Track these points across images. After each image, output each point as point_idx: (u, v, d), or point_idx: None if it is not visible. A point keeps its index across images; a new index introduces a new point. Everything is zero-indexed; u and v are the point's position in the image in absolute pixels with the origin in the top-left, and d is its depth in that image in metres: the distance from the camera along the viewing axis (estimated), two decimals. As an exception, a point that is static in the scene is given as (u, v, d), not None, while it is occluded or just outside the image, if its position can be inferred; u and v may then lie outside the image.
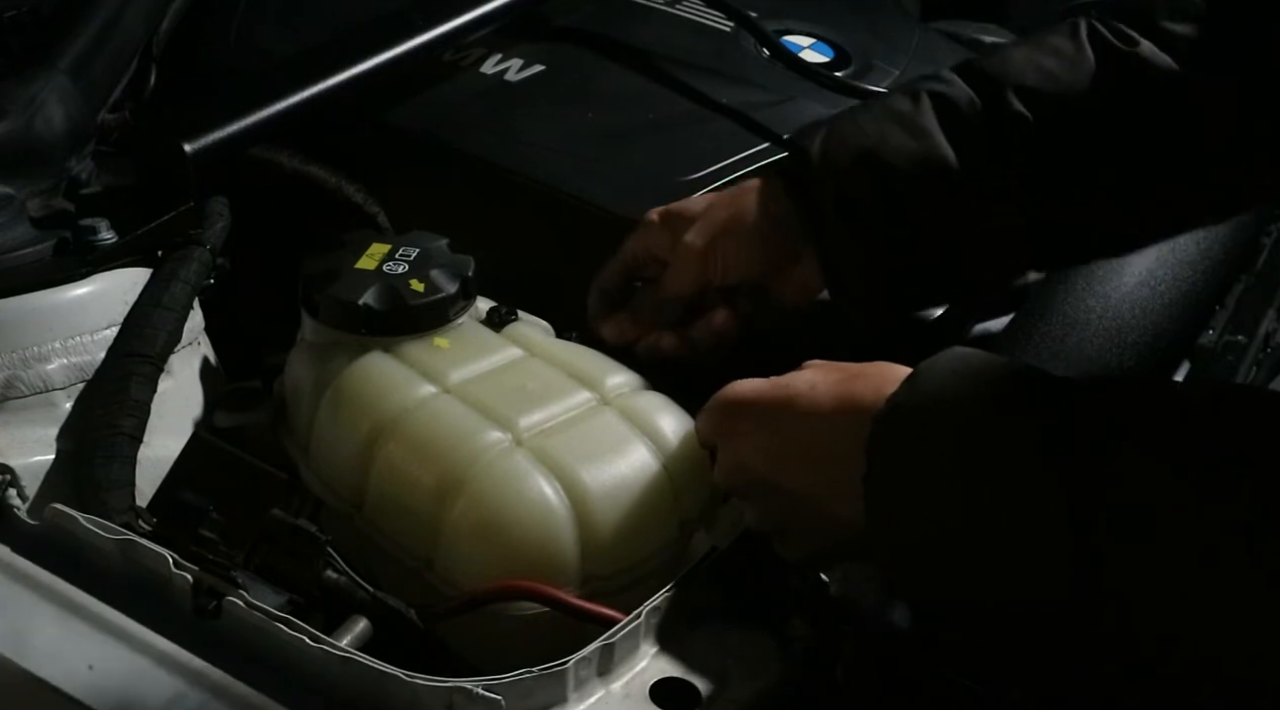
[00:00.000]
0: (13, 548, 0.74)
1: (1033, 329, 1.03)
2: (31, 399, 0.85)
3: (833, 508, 0.71)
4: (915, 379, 0.69)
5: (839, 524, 0.70)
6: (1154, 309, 1.04)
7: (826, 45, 1.20)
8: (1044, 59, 0.88)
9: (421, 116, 1.08)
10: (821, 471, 0.72)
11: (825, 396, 0.73)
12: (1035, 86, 0.87)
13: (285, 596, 0.72)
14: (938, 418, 0.67)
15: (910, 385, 0.69)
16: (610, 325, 0.95)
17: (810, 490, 0.72)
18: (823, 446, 0.72)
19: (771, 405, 0.75)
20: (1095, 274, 1.04)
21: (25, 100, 0.94)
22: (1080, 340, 1.02)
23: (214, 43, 1.16)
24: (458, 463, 0.78)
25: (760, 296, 0.93)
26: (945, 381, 0.69)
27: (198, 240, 0.93)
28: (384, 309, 0.86)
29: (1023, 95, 0.87)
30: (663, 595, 0.72)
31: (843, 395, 0.72)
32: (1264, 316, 1.08)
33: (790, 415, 0.74)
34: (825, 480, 0.71)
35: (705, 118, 1.10)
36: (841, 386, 0.73)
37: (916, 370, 0.70)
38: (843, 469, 0.69)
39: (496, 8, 1.13)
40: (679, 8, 1.22)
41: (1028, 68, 0.88)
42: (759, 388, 0.76)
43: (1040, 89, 0.87)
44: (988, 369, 0.70)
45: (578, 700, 0.68)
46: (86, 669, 0.68)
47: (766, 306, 0.94)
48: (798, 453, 0.73)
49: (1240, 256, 1.15)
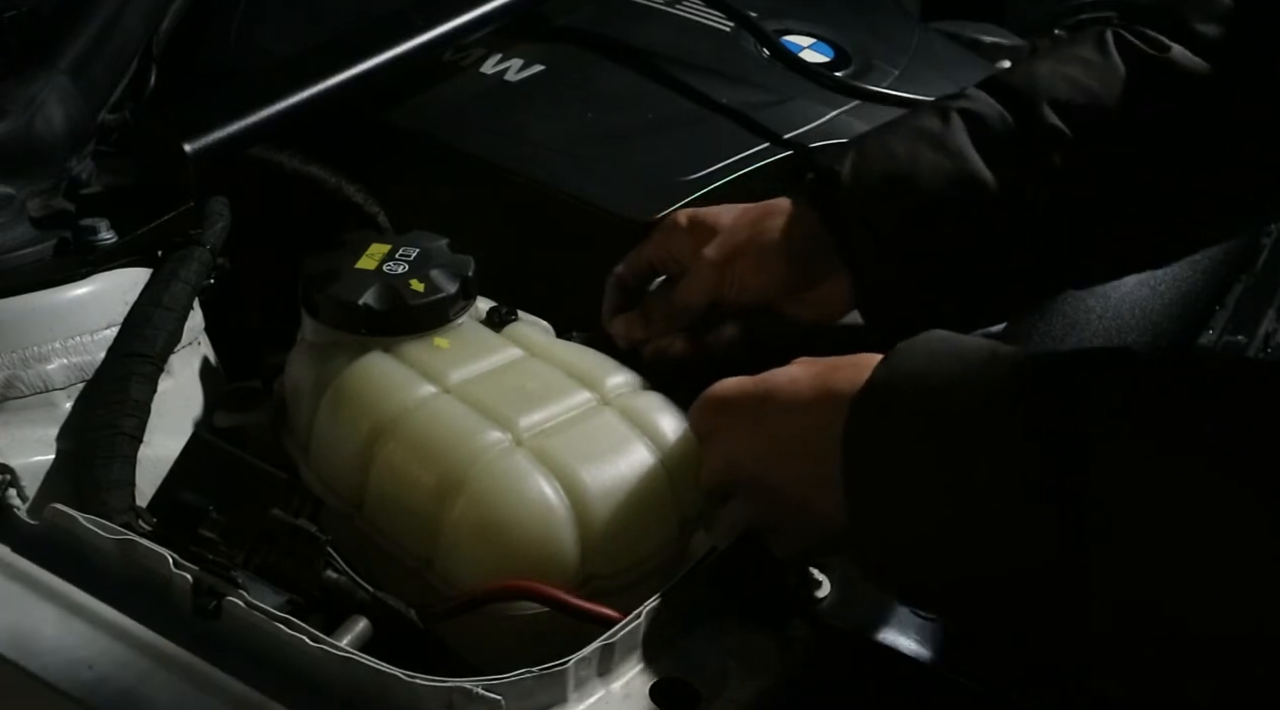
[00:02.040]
0: (13, 548, 0.74)
1: (1033, 329, 1.03)
2: (31, 399, 0.85)
3: (817, 501, 0.70)
4: (892, 359, 0.69)
5: (824, 517, 0.70)
6: (1154, 309, 1.04)
7: (826, 45, 1.20)
8: (1072, 70, 0.87)
9: (421, 116, 1.08)
10: (803, 463, 0.71)
11: (805, 388, 0.73)
12: (1068, 99, 0.86)
13: (285, 596, 0.72)
14: (916, 395, 0.67)
15: (887, 364, 0.69)
16: (621, 323, 0.94)
17: (794, 484, 0.72)
18: (804, 438, 0.71)
19: (753, 400, 0.75)
20: (1095, 274, 1.05)
21: (25, 100, 0.94)
22: (1080, 340, 1.02)
23: (214, 43, 1.16)
24: (458, 463, 0.78)
25: (774, 317, 0.93)
26: (923, 361, 0.68)
27: (198, 240, 0.93)
28: (384, 309, 0.86)
29: (1057, 109, 0.86)
30: (663, 595, 0.72)
31: (822, 385, 0.72)
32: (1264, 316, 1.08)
33: (772, 409, 0.74)
34: (808, 473, 0.71)
35: (705, 118, 1.10)
36: (821, 378, 0.72)
37: (894, 350, 0.69)
38: (823, 460, 0.68)
39: (496, 8, 1.13)
40: (679, 8, 1.22)
41: (1058, 80, 0.87)
42: (741, 384, 0.76)
43: (1074, 101, 0.86)
44: (968, 347, 0.69)
45: (578, 700, 0.68)
46: (86, 669, 0.68)
47: (780, 326, 0.93)
48: (780, 446, 0.73)
49: (1240, 256, 1.15)
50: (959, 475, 0.64)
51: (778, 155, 1.05)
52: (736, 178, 1.03)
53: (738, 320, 0.93)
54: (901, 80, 1.16)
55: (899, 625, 0.75)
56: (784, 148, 1.06)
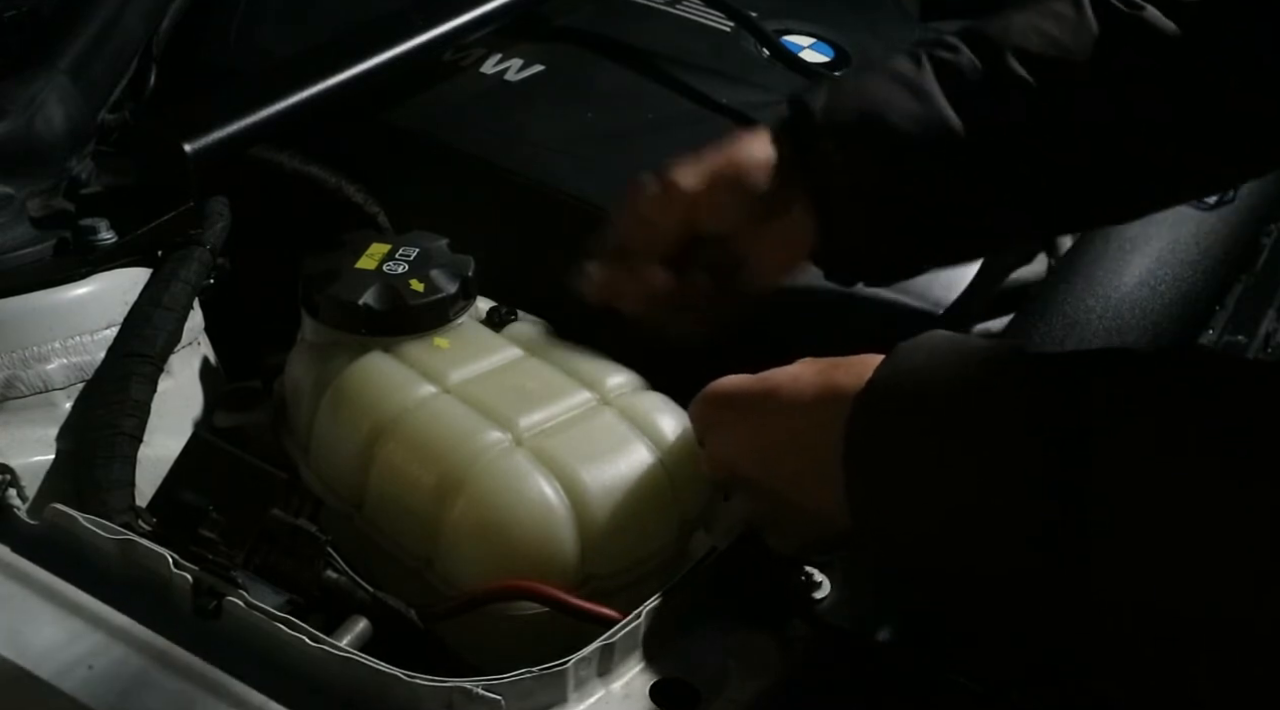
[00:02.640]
0: (13, 548, 0.74)
1: (1033, 329, 1.03)
2: (31, 399, 0.85)
3: (818, 498, 0.70)
4: (894, 357, 0.69)
5: (825, 515, 0.70)
6: (1154, 309, 1.04)
7: (826, 45, 1.20)
8: (1045, 23, 0.88)
9: (421, 116, 1.08)
10: (803, 461, 0.71)
11: (808, 386, 0.73)
12: (1038, 52, 0.87)
13: (285, 596, 0.72)
14: (917, 391, 0.67)
15: (889, 362, 0.69)
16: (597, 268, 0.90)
17: (794, 481, 0.72)
18: (804, 436, 0.71)
19: (755, 397, 0.75)
20: (1095, 274, 1.04)
21: (25, 100, 0.94)
22: (1080, 340, 1.02)
23: (214, 43, 1.16)
24: (458, 463, 0.78)
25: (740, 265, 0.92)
26: (925, 359, 0.68)
27: (198, 240, 0.93)
28: (384, 309, 0.86)
29: (1023, 59, 0.87)
30: (663, 595, 0.72)
31: (824, 384, 0.72)
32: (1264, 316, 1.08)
33: (773, 406, 0.74)
34: (808, 471, 0.71)
35: (705, 118, 1.10)
36: (823, 376, 0.72)
37: (896, 349, 0.69)
38: (824, 458, 0.68)
39: (496, 8, 1.13)
40: (679, 8, 1.22)
41: (1029, 32, 0.88)
42: (743, 381, 0.76)
43: (1043, 54, 0.87)
44: (969, 346, 0.69)
45: (578, 700, 0.68)
46: (86, 669, 0.68)
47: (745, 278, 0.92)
48: (780, 444, 0.73)
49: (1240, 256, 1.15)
50: (961, 471, 0.64)
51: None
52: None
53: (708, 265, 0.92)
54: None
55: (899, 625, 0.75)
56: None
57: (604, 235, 0.92)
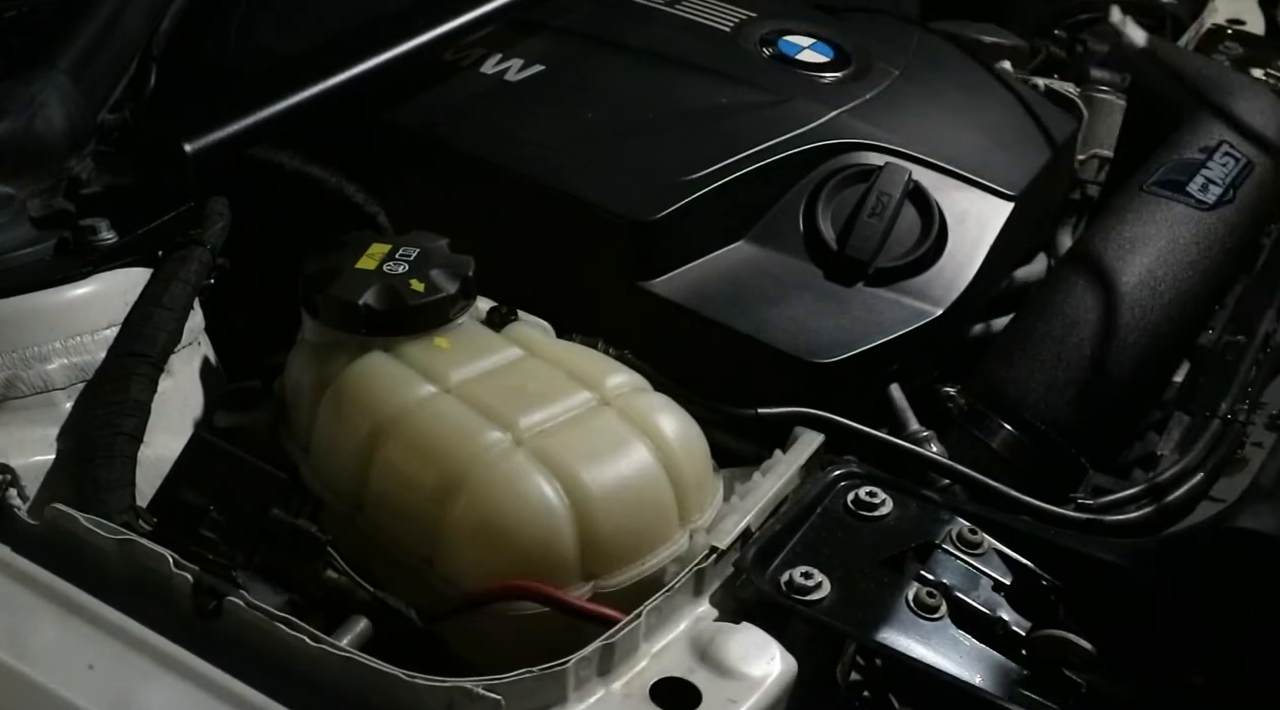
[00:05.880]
0: (13, 548, 0.74)
1: (1033, 329, 1.03)
2: (31, 399, 0.85)
3: None
4: None
5: None
6: (1154, 309, 1.04)
7: (826, 45, 1.20)
8: None
9: (421, 116, 1.08)
10: None
11: None
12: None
13: (285, 596, 0.72)
14: None
15: None
16: None
17: None
18: None
19: None
20: (1095, 274, 1.05)
21: (25, 100, 0.94)
22: (1080, 340, 1.02)
23: (214, 43, 1.16)
24: (458, 463, 0.78)
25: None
26: None
27: (198, 240, 0.93)
28: (384, 309, 0.86)
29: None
30: (662, 595, 0.72)
31: None
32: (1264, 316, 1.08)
33: None
34: None
35: (705, 118, 1.10)
36: None
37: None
38: None
39: (496, 8, 1.13)
40: (679, 8, 1.22)
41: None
42: None
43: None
44: None
45: (578, 700, 0.68)
46: (86, 669, 0.68)
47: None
48: None
49: (1240, 256, 1.15)
50: None
51: (778, 155, 1.05)
52: (736, 177, 1.03)
53: None
54: (901, 80, 1.16)
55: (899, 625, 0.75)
56: (784, 148, 1.05)
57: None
